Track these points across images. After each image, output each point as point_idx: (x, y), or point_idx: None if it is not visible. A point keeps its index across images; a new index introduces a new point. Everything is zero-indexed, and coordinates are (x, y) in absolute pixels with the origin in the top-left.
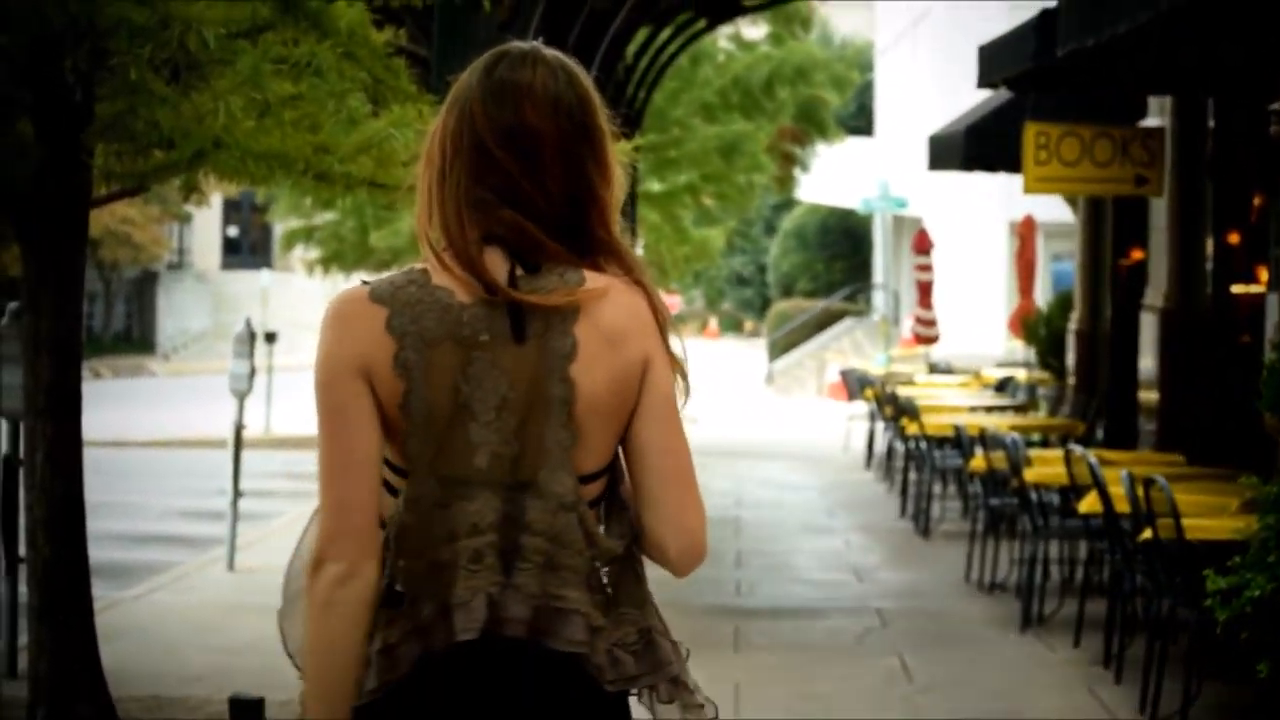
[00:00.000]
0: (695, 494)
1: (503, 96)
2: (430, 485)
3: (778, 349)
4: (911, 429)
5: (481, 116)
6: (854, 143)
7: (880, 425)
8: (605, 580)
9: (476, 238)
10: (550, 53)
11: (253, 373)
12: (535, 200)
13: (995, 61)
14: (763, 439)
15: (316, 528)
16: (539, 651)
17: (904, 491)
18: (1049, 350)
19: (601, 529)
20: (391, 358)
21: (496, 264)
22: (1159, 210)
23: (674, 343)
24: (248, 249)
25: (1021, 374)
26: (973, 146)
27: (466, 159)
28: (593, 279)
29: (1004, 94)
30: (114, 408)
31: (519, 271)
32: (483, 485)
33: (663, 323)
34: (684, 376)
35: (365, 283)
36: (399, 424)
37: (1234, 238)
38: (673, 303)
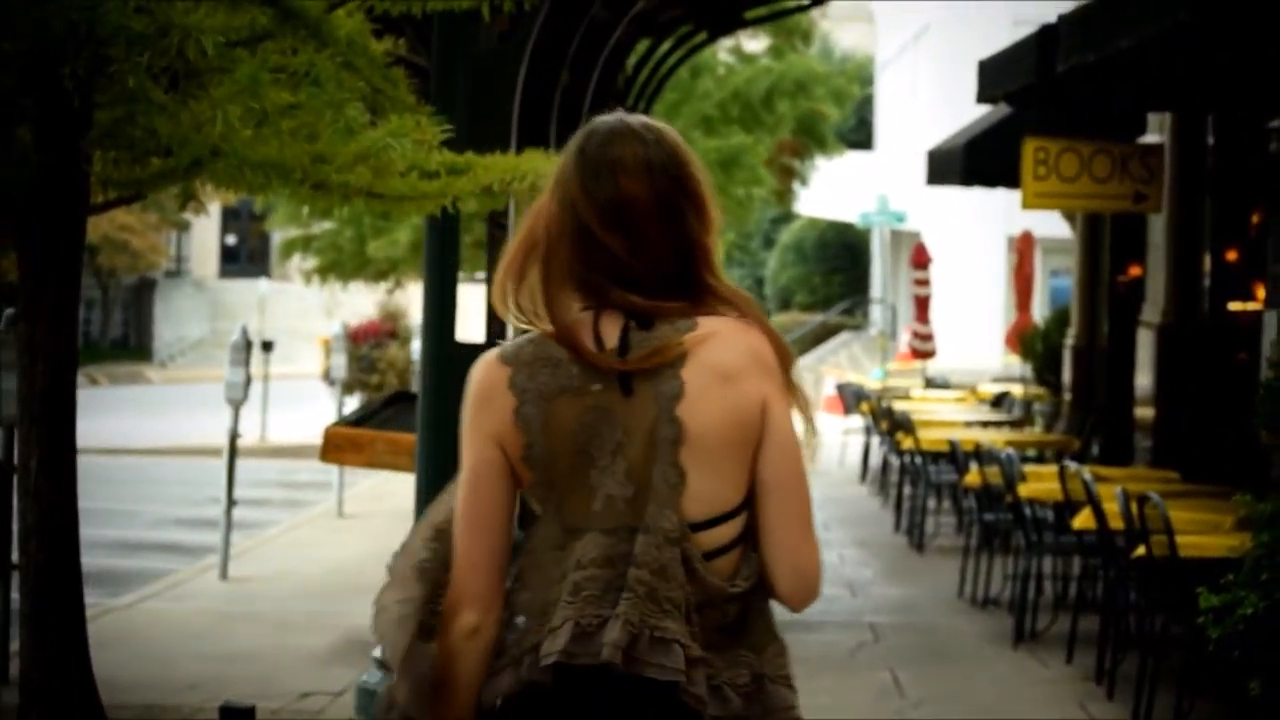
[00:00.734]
0: (811, 534)
1: (598, 173)
2: (553, 529)
3: None
4: (907, 443)
5: (582, 198)
6: (853, 157)
7: (876, 439)
8: (725, 617)
9: (579, 312)
10: (635, 118)
11: (248, 381)
12: (642, 274)
13: (995, 76)
14: None
15: (420, 537)
16: (634, 678)
17: (899, 506)
18: (1046, 366)
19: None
20: (513, 413)
21: (611, 327)
22: (1157, 227)
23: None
24: (245, 257)
25: (1018, 389)
26: (972, 161)
27: (571, 242)
28: (705, 324)
29: (1004, 109)
30: (110, 415)
31: (633, 327)
32: (597, 527)
33: (784, 362)
34: (807, 415)
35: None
36: (525, 475)
37: (1232, 255)
38: None
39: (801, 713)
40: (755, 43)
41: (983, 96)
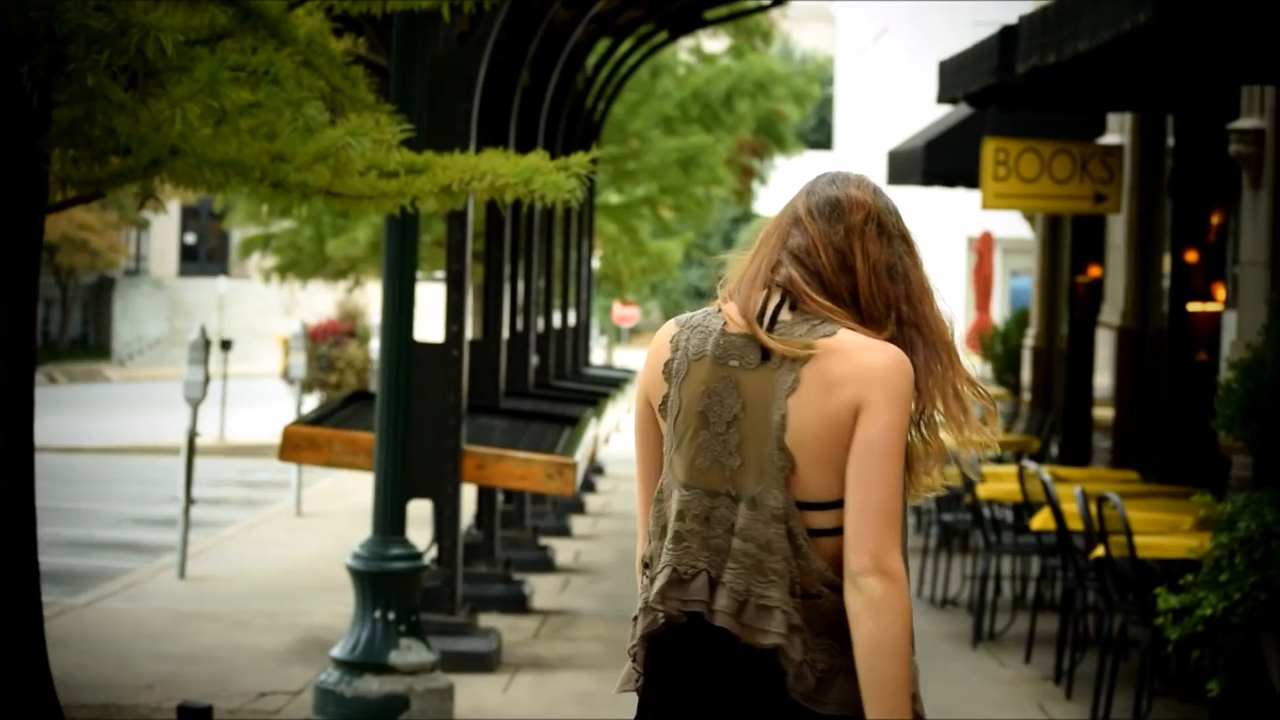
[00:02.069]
0: (891, 529)
1: (817, 187)
2: (669, 477)
3: None
4: None
5: (804, 198)
6: (813, 157)
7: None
8: (822, 602)
9: (754, 281)
10: (854, 172)
11: (207, 380)
12: (822, 256)
13: (955, 77)
14: None
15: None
16: (738, 641)
17: None
18: (1005, 366)
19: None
20: (664, 364)
21: (771, 302)
22: (1117, 228)
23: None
24: (205, 256)
25: None
26: (932, 162)
27: (780, 226)
28: (840, 335)
29: (964, 110)
30: (69, 413)
31: (783, 313)
32: (700, 484)
33: (901, 380)
34: (959, 423)
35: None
36: (660, 425)
37: (1192, 256)
38: (629, 314)
39: None
40: (715, 43)
41: (943, 97)
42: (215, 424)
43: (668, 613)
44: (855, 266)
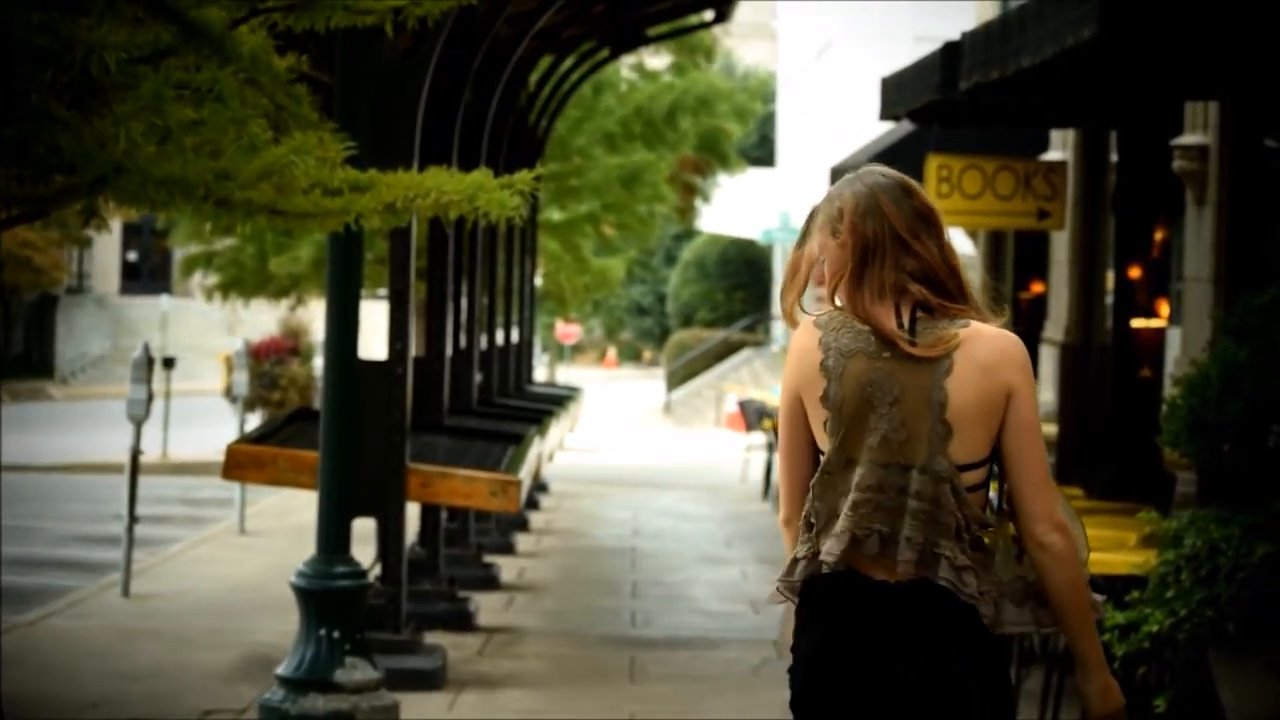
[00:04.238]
0: (1050, 490)
1: (899, 200)
2: (839, 456)
3: (676, 379)
4: None
5: (895, 213)
6: (755, 173)
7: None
8: (980, 544)
9: (879, 301)
10: (896, 173)
11: (150, 398)
12: (936, 277)
13: (897, 94)
14: (660, 469)
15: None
16: (920, 582)
17: None
18: None
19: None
20: (819, 364)
21: (905, 312)
22: (1060, 243)
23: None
24: (147, 274)
25: None
26: None
27: (889, 249)
28: (974, 325)
29: (906, 126)
30: (11, 432)
31: (921, 315)
32: (872, 459)
33: (1026, 360)
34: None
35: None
36: (822, 414)
37: (1135, 272)
38: (571, 332)
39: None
40: (658, 59)
41: (885, 114)
42: (158, 442)
43: (837, 566)
44: (957, 267)
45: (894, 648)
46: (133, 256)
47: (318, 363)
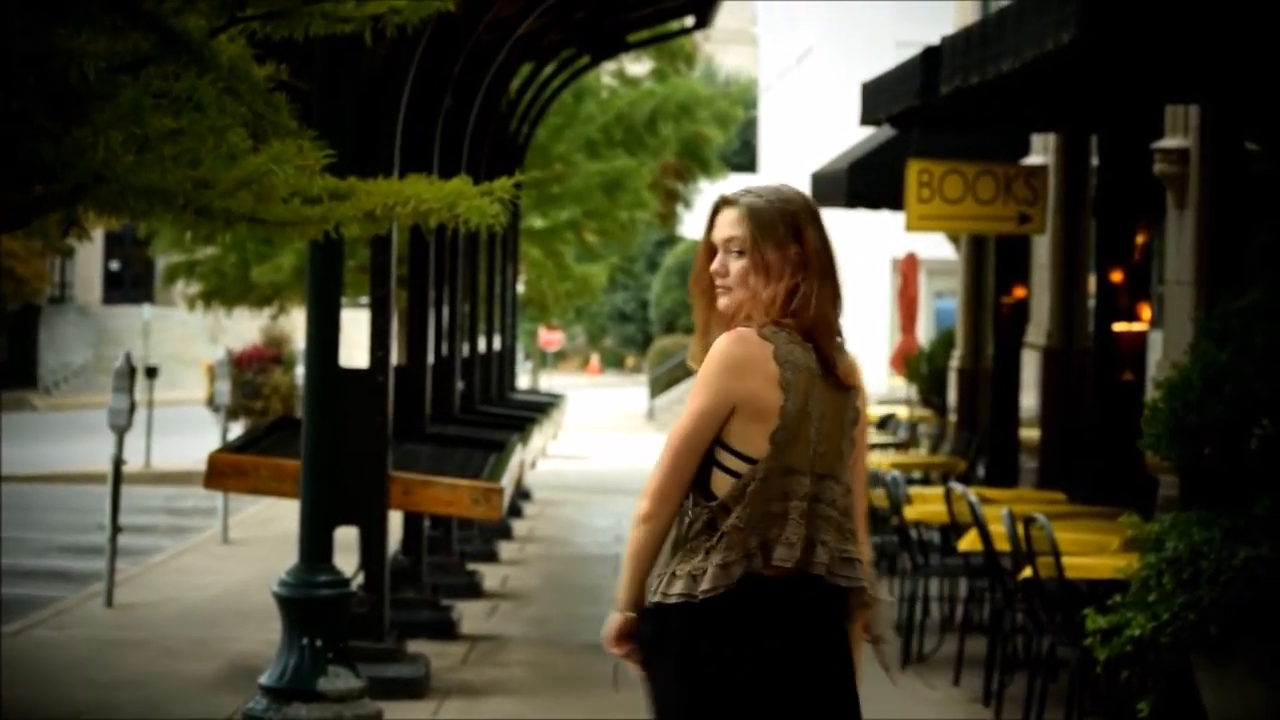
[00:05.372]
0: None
1: (825, 239)
2: (776, 464)
3: (659, 385)
4: None
5: (825, 254)
6: (737, 179)
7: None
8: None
9: (824, 323)
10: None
11: (133, 408)
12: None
13: (878, 99)
14: (644, 475)
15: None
16: (831, 585)
17: None
18: (931, 388)
19: None
20: (778, 377)
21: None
22: (1041, 248)
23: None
24: (129, 283)
25: (903, 411)
26: (856, 183)
27: (834, 274)
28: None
29: (887, 131)
30: None
31: (837, 346)
32: (805, 469)
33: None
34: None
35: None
36: (770, 422)
37: (1116, 276)
38: (554, 339)
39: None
40: (638, 66)
41: (866, 119)
42: (141, 451)
43: (773, 567)
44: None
45: (822, 641)
46: (115, 266)
47: (300, 371)
